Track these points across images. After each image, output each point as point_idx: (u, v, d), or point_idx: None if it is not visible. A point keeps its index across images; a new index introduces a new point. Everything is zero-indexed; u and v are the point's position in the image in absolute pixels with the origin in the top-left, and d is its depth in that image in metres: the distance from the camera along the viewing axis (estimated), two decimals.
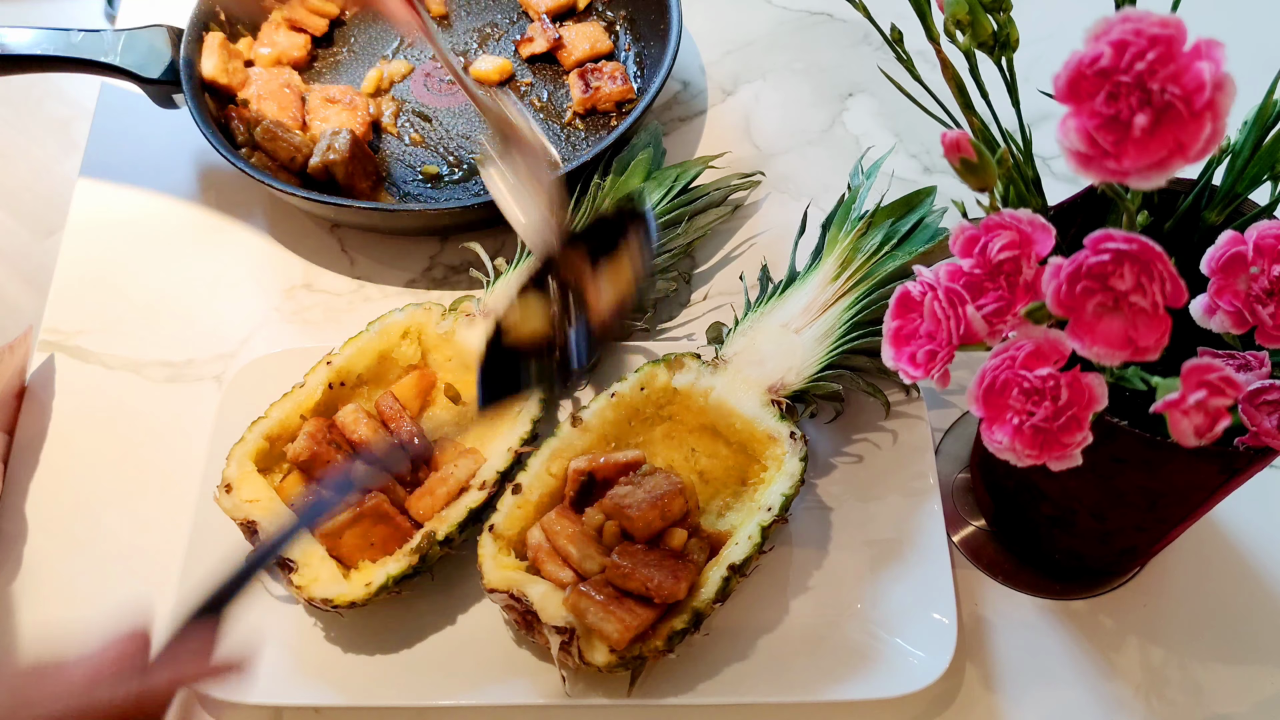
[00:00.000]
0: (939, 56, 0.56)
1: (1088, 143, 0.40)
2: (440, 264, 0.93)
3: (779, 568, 0.74)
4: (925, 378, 0.49)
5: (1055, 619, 0.74)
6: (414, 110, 1.00)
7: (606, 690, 0.69)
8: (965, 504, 0.79)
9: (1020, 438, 0.46)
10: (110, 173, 1.00)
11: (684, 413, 0.77)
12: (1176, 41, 0.39)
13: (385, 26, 1.06)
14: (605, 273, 0.70)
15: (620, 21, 1.06)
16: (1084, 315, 0.43)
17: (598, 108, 0.99)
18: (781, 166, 0.99)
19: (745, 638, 0.71)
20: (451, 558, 0.74)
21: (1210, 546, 0.77)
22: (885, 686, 0.68)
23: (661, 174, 0.90)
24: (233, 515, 0.71)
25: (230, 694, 0.68)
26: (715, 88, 1.05)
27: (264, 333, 0.90)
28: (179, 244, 0.95)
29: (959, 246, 0.48)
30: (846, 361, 0.76)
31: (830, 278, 0.79)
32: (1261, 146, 0.55)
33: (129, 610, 0.59)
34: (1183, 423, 0.42)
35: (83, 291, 0.92)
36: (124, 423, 0.85)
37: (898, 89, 0.62)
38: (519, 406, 0.76)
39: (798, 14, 1.11)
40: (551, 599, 0.66)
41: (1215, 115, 0.39)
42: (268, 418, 0.75)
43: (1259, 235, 0.51)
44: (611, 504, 0.69)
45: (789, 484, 0.70)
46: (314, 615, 0.73)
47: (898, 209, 0.81)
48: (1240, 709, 0.71)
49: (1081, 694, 0.71)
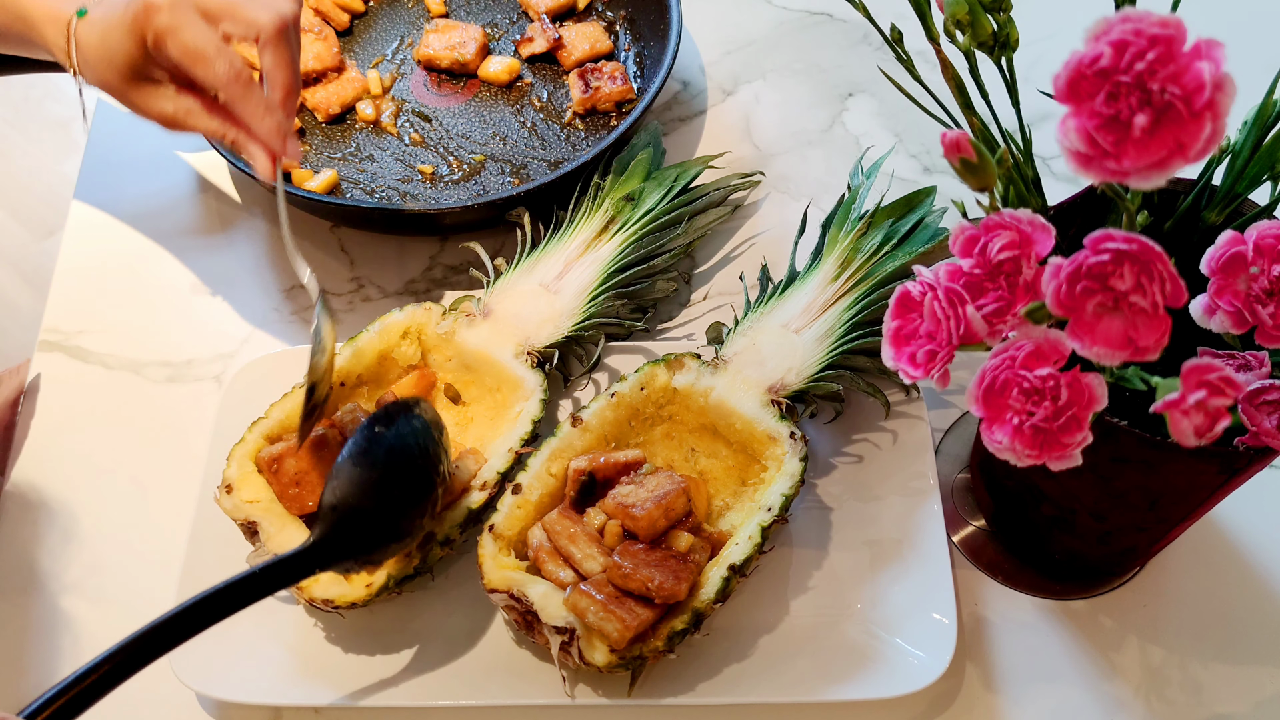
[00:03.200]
0: (939, 56, 0.56)
1: (1088, 143, 0.40)
2: (440, 264, 0.93)
3: (779, 568, 0.74)
4: (925, 378, 0.49)
5: (1055, 619, 0.74)
6: (414, 110, 1.00)
7: (606, 690, 0.69)
8: (965, 504, 0.79)
9: (1020, 438, 0.46)
10: (110, 173, 1.00)
11: (684, 413, 0.77)
12: (1176, 41, 0.39)
13: (385, 28, 1.06)
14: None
15: (620, 21, 1.06)
16: (1084, 315, 0.43)
17: (598, 108, 0.99)
18: (781, 166, 0.99)
19: (745, 638, 0.71)
20: (451, 558, 0.74)
21: (1210, 546, 0.77)
22: (885, 686, 0.68)
23: (661, 174, 0.90)
24: (233, 516, 0.71)
25: (231, 694, 0.68)
26: (715, 88, 1.05)
27: (264, 333, 0.90)
28: (179, 244, 0.95)
29: (959, 246, 0.48)
30: (846, 361, 0.76)
31: (830, 278, 0.79)
32: (1261, 146, 0.55)
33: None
34: (1183, 423, 0.42)
35: (83, 291, 0.92)
36: (124, 423, 0.85)
37: (898, 89, 0.62)
38: (519, 407, 0.76)
39: (798, 14, 1.11)
40: (552, 599, 0.66)
41: (1215, 115, 0.39)
42: (268, 418, 0.75)
43: (1259, 235, 0.51)
44: (614, 504, 0.69)
45: (789, 484, 0.70)
46: (314, 615, 0.73)
47: (898, 209, 0.81)
48: (1240, 709, 0.71)
49: (1081, 694, 0.71)
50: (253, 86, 0.70)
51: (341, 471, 0.64)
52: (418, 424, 0.67)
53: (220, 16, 0.69)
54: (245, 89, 0.70)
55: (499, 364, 0.78)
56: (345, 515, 0.63)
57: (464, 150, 0.97)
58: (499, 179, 0.95)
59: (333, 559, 0.63)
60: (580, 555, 0.68)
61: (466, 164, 0.96)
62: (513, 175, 0.95)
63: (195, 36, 0.69)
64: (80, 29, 0.73)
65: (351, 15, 1.06)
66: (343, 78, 1.00)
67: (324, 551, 0.62)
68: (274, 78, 0.71)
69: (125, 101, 0.75)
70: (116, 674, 0.53)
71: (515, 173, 0.96)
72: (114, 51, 0.71)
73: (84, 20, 0.73)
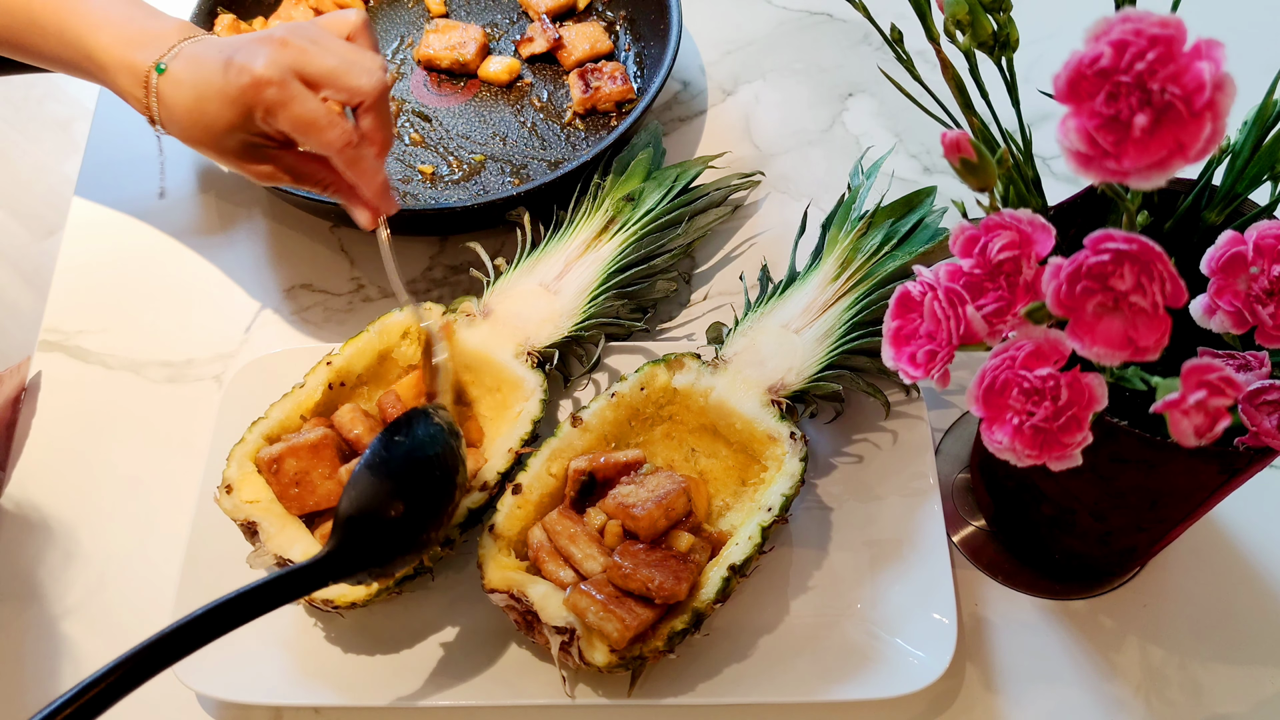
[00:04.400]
0: (939, 56, 0.56)
1: (1088, 143, 0.40)
2: (440, 264, 0.93)
3: (779, 568, 0.74)
4: (925, 378, 0.49)
5: (1055, 619, 0.74)
6: (414, 110, 1.00)
7: (606, 690, 0.69)
8: (965, 504, 0.79)
9: (1020, 438, 0.46)
10: (110, 173, 1.00)
11: (684, 413, 0.77)
12: (1176, 41, 0.39)
13: (385, 28, 1.06)
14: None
15: (620, 21, 1.06)
16: (1084, 315, 0.43)
17: (598, 108, 0.99)
18: (781, 166, 0.99)
19: (745, 638, 0.71)
20: (451, 558, 0.74)
21: (1210, 546, 0.77)
22: (885, 686, 0.68)
23: (661, 174, 0.90)
24: (233, 516, 0.71)
25: (231, 694, 0.68)
26: (715, 88, 1.05)
27: (264, 333, 0.90)
28: (179, 244, 0.95)
29: (959, 246, 0.48)
30: (846, 361, 0.76)
31: (830, 278, 0.79)
32: (1261, 146, 0.55)
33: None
34: (1183, 423, 0.42)
35: (83, 291, 0.92)
36: (124, 423, 0.85)
37: (898, 89, 0.62)
38: (519, 407, 0.76)
39: (798, 14, 1.11)
40: (552, 599, 0.66)
41: (1215, 115, 0.39)
42: (268, 418, 0.75)
43: (1259, 235, 0.51)
44: (614, 504, 0.69)
45: (789, 484, 0.70)
46: (314, 615, 0.73)
47: (898, 209, 0.81)
48: (1240, 709, 0.71)
49: (1081, 694, 0.71)
50: (363, 149, 0.70)
51: (359, 481, 0.63)
52: (435, 431, 0.67)
53: (324, 84, 0.69)
54: (357, 153, 0.70)
55: (499, 364, 0.78)
56: (362, 526, 0.62)
57: (464, 150, 0.97)
58: (499, 179, 0.95)
59: (348, 570, 0.62)
60: (580, 555, 0.68)
61: (466, 164, 0.96)
62: (513, 175, 0.95)
63: (306, 109, 0.68)
64: (165, 87, 0.71)
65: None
66: None
67: (340, 562, 0.61)
68: (375, 138, 0.71)
69: (217, 159, 0.74)
70: (124, 684, 0.52)
71: (515, 173, 0.96)
72: (213, 119, 0.70)
73: (168, 78, 0.71)
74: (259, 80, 0.68)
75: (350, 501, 0.63)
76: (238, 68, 0.68)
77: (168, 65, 0.71)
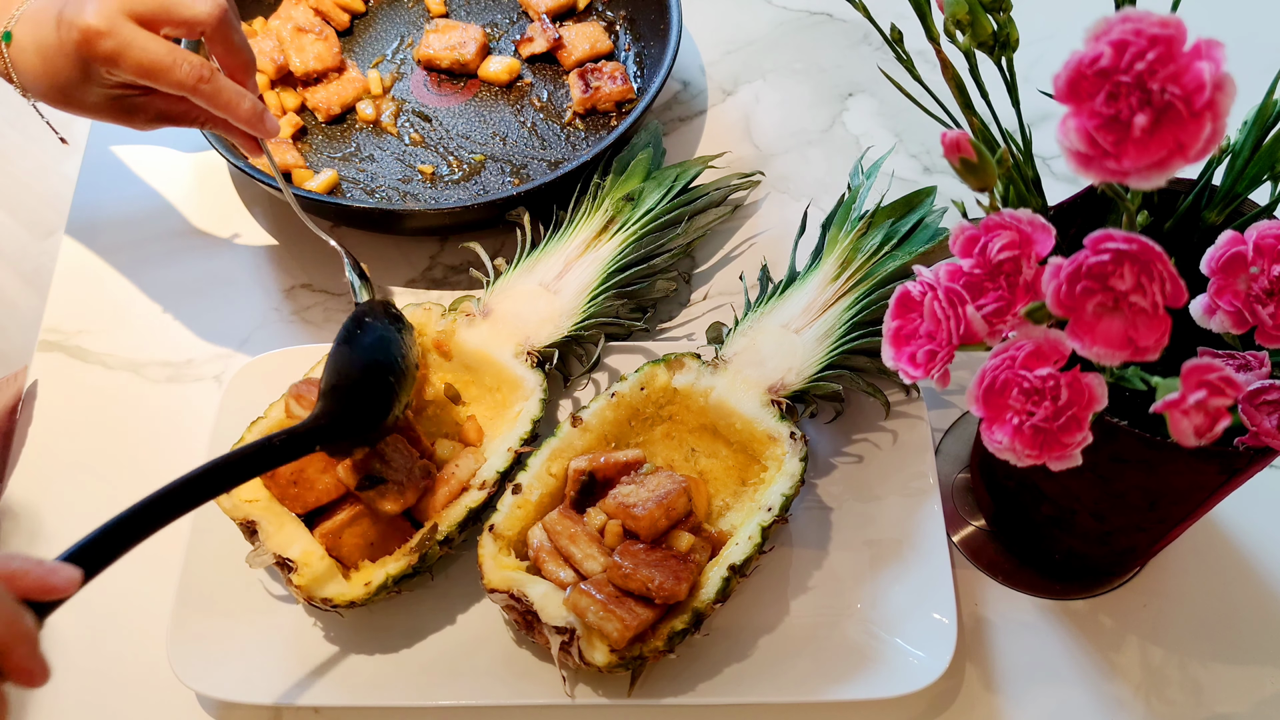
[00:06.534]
0: (939, 56, 0.56)
1: (1088, 143, 0.40)
2: (440, 264, 0.93)
3: (779, 568, 0.74)
4: (925, 378, 0.49)
5: (1055, 619, 0.74)
6: (414, 110, 1.00)
7: (606, 690, 0.69)
8: (965, 504, 0.79)
9: (1020, 438, 0.46)
10: (110, 173, 1.00)
11: (684, 413, 0.77)
12: (1176, 41, 0.39)
13: (385, 28, 1.06)
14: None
15: (620, 21, 1.06)
16: (1084, 315, 0.43)
17: (598, 108, 0.99)
18: (781, 166, 0.99)
19: (745, 638, 0.71)
20: (451, 558, 0.74)
21: (1210, 546, 0.77)
22: (885, 686, 0.68)
23: (661, 174, 0.90)
24: (232, 515, 0.71)
25: (231, 694, 0.68)
26: (715, 88, 1.05)
27: (264, 333, 0.90)
28: (179, 244, 0.95)
29: (959, 246, 0.48)
30: (846, 361, 0.76)
31: (830, 278, 0.79)
32: (1261, 146, 0.55)
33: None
34: (1183, 423, 0.42)
35: (83, 291, 0.92)
36: (124, 423, 0.85)
37: (898, 89, 0.62)
38: (519, 407, 0.76)
39: (798, 14, 1.11)
40: (552, 599, 0.66)
41: (1215, 115, 0.39)
42: (267, 418, 0.75)
43: (1259, 235, 0.51)
44: (615, 504, 0.69)
45: (789, 484, 0.70)
46: (314, 615, 0.73)
47: (898, 209, 0.81)
48: (1240, 709, 0.71)
49: (1081, 694, 0.71)
50: (218, 81, 0.68)
51: (337, 356, 0.70)
52: (388, 321, 0.75)
53: (158, 21, 0.67)
54: (213, 86, 0.68)
55: (499, 364, 0.78)
56: (345, 391, 0.69)
57: (464, 150, 0.97)
58: (499, 179, 0.95)
59: (337, 434, 0.67)
60: (580, 555, 0.68)
61: (466, 164, 0.96)
62: (513, 175, 0.95)
63: (146, 53, 0.66)
64: (14, 54, 0.69)
65: (352, 15, 1.06)
66: (343, 78, 1.00)
67: (330, 426, 0.67)
68: (229, 64, 0.70)
69: (90, 116, 0.73)
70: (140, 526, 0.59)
71: (515, 173, 0.96)
72: (64, 79, 0.68)
73: (15, 44, 0.69)
74: (89, 32, 0.65)
75: (332, 374, 0.69)
76: (67, 23, 0.66)
77: (13, 31, 0.69)
